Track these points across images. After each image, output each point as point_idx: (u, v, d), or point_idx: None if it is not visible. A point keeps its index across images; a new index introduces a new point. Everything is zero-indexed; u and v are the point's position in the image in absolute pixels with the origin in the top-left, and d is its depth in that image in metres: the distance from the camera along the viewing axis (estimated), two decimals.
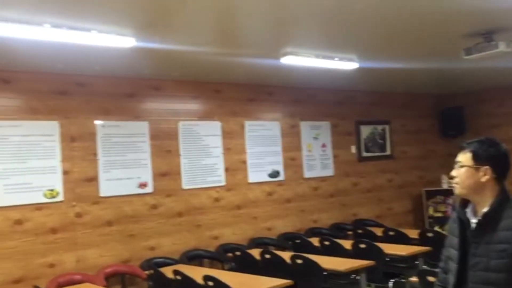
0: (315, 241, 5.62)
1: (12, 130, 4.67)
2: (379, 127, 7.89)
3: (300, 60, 4.96)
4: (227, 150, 6.13)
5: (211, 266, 5.63)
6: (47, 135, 4.86)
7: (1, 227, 4.53)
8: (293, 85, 6.73)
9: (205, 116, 6.01)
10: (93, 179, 5.12)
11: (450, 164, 2.36)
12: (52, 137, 4.89)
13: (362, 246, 5.06)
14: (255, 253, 5.11)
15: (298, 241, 5.75)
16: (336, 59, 5.14)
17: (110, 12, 3.42)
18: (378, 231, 6.02)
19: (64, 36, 3.65)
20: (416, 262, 4.94)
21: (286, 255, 4.75)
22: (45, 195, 4.80)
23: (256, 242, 6.06)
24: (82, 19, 3.49)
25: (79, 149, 5.06)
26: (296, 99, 6.89)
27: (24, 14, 3.29)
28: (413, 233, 5.77)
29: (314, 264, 4.44)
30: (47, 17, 3.39)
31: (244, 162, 6.28)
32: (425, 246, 5.10)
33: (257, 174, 6.36)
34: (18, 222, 4.63)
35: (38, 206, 4.76)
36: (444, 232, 5.78)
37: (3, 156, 4.59)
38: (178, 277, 4.15)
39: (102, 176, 5.18)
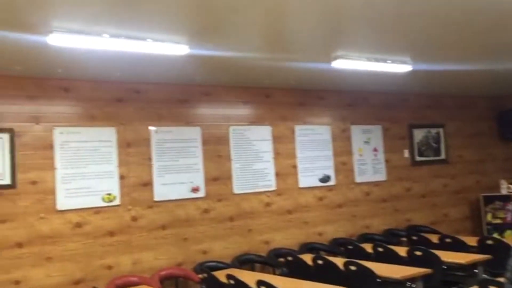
0: (367, 247, 5.52)
1: (72, 136, 4.87)
2: (433, 131, 7.67)
3: (351, 63, 4.90)
4: (277, 154, 6.14)
5: (262, 270, 5.64)
6: (105, 141, 5.04)
7: (62, 229, 4.72)
8: (343, 88, 6.66)
9: (256, 121, 6.05)
10: (148, 184, 5.25)
11: (509, 168, 2.26)
12: (109, 143, 5.06)
13: (418, 253, 4.91)
14: (307, 258, 5.07)
15: (350, 247, 5.67)
16: (388, 61, 5.04)
17: (164, 21, 3.51)
18: (434, 238, 5.84)
19: (121, 45, 3.78)
20: (476, 271, 4.75)
21: (339, 261, 4.69)
22: (103, 199, 4.97)
23: (307, 247, 6.03)
24: (138, 29, 3.60)
25: (134, 155, 5.21)
26: (346, 103, 6.81)
27: (85, 25, 3.43)
28: (472, 241, 5.55)
29: (368, 271, 4.36)
30: (106, 28, 3.52)
31: (295, 166, 6.27)
32: (484, 254, 4.90)
33: (307, 178, 6.32)
34: (78, 225, 4.81)
35: (97, 210, 4.93)
36: (505, 240, 5.54)
37: (64, 162, 4.80)
38: (231, 282, 4.19)
39: (156, 181, 5.31)
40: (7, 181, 4.50)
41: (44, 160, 4.71)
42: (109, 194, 5.01)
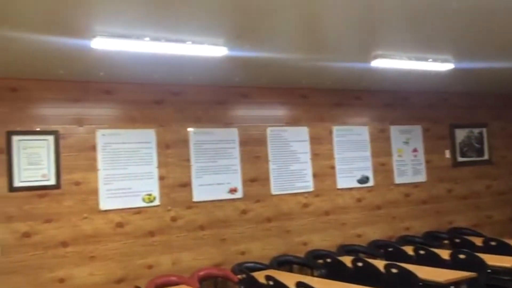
0: (408, 249, 5.41)
1: (113, 138, 4.98)
2: (476, 131, 7.45)
3: (391, 62, 4.82)
4: (315, 155, 6.10)
5: (300, 272, 5.61)
6: (145, 142, 5.13)
7: (104, 229, 4.83)
8: (382, 88, 6.56)
9: (293, 121, 6.03)
10: (186, 185, 5.31)
11: None
12: (149, 144, 5.15)
13: (462, 256, 4.78)
14: (346, 260, 5.02)
15: (390, 249, 5.57)
16: (429, 60, 4.93)
17: (203, 23, 3.54)
18: (477, 241, 5.67)
19: (161, 48, 3.84)
20: None
21: (379, 264, 4.61)
22: (143, 200, 5.06)
23: (345, 249, 5.96)
24: (178, 31, 3.65)
25: (173, 156, 5.28)
26: (385, 102, 6.70)
27: (126, 29, 3.50)
28: None
29: (410, 273, 4.27)
30: (147, 31, 3.58)
31: (333, 167, 6.21)
32: None
33: (345, 179, 6.25)
34: (120, 225, 4.91)
35: (137, 210, 5.02)
36: None
37: (106, 163, 4.91)
38: (271, 283, 4.18)
39: (195, 182, 5.36)
40: (52, 181, 4.64)
41: (87, 161, 4.83)
42: (149, 195, 5.10)
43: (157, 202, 5.12)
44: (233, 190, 5.56)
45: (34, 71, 4.43)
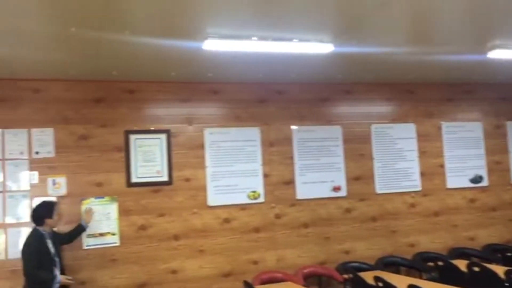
0: None
1: (220, 136, 5.14)
2: None
3: (510, 53, 4.45)
4: (422, 153, 5.83)
5: (408, 274, 5.39)
6: (250, 140, 5.23)
7: (213, 224, 5.01)
8: (497, 81, 6.09)
9: (399, 118, 5.81)
10: (290, 182, 5.34)
11: None
12: (254, 142, 5.25)
13: None
14: (459, 264, 4.73)
15: (509, 254, 5.16)
16: None
17: (310, 21, 3.53)
18: None
19: (268, 47, 3.89)
20: None
21: (499, 269, 4.29)
22: (248, 197, 5.17)
23: (457, 252, 5.63)
24: (285, 30, 3.67)
25: (277, 154, 5.33)
26: (501, 96, 6.22)
27: (236, 30, 3.59)
28: None
29: None
30: (255, 31, 3.65)
31: (442, 166, 5.89)
32: None
33: (456, 179, 5.90)
34: (226, 220, 5.07)
35: (243, 207, 5.14)
36: None
37: (214, 160, 5.08)
38: (380, 284, 4.07)
39: (298, 179, 5.37)
40: (165, 178, 4.90)
41: (196, 159, 5.04)
42: (254, 192, 5.20)
43: (261, 199, 5.21)
44: (336, 188, 5.49)
45: (149, 74, 4.71)
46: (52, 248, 3.96)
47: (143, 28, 3.48)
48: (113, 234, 4.68)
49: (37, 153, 4.53)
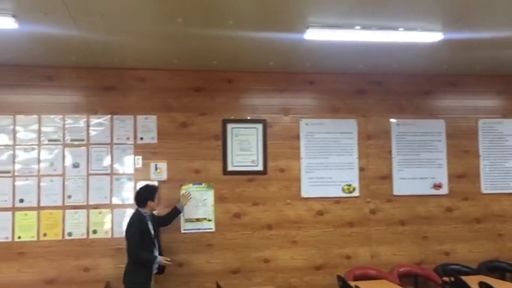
0: None
1: (316, 127, 5.07)
2: None
3: None
4: None
5: None
6: (346, 132, 5.11)
7: (306, 216, 4.97)
8: None
9: (511, 113, 5.36)
10: (386, 177, 5.15)
11: None
12: (350, 134, 5.12)
13: None
14: None
15: None
16: None
17: (418, 9, 3.34)
18: None
19: (372, 36, 3.75)
20: None
21: None
22: (343, 190, 5.06)
23: None
24: (390, 18, 3.51)
25: (374, 147, 5.16)
26: None
27: (338, 19, 3.50)
28: None
29: None
30: (358, 20, 3.53)
31: None
32: None
33: None
34: (320, 213, 5.00)
35: (337, 200, 5.04)
36: None
37: (309, 152, 5.03)
38: None
39: (396, 175, 5.16)
40: (260, 167, 4.94)
41: (291, 149, 5.02)
42: (349, 185, 5.08)
43: (356, 193, 5.07)
44: (437, 186, 5.20)
45: (248, 64, 4.75)
46: (152, 230, 4.15)
47: (245, 19, 3.50)
48: (209, 220, 4.81)
49: (141, 139, 4.76)
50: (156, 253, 4.13)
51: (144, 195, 4.17)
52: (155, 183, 4.57)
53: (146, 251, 4.05)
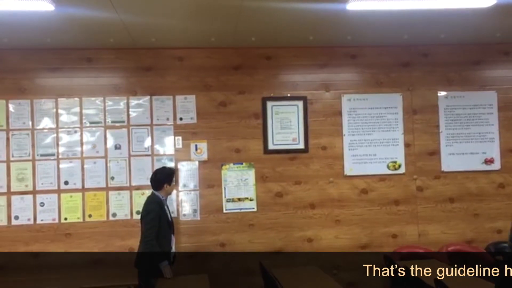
0: None
1: (358, 103, 4.90)
2: None
3: None
4: None
5: None
6: (391, 107, 4.91)
7: (349, 194, 4.84)
8: None
9: None
10: (434, 153, 4.93)
11: None
12: (395, 109, 4.92)
13: None
14: None
15: None
16: None
17: None
18: None
19: (418, 4, 3.53)
20: None
21: None
22: (388, 167, 4.89)
23: None
24: None
25: (420, 122, 4.94)
26: None
27: None
28: None
29: None
30: None
31: None
32: None
33: None
34: (364, 191, 4.86)
35: (382, 177, 4.88)
36: None
37: (351, 128, 4.87)
38: None
39: (444, 150, 4.94)
40: (301, 145, 4.83)
41: (333, 126, 4.87)
42: (394, 162, 4.90)
43: (402, 170, 4.90)
44: (489, 161, 4.95)
45: (286, 39, 4.60)
46: (169, 214, 4.01)
47: None
48: (251, 200, 4.75)
49: (181, 119, 4.73)
50: (173, 242, 3.95)
51: (161, 177, 3.97)
52: (172, 166, 4.51)
53: (164, 239, 3.83)
